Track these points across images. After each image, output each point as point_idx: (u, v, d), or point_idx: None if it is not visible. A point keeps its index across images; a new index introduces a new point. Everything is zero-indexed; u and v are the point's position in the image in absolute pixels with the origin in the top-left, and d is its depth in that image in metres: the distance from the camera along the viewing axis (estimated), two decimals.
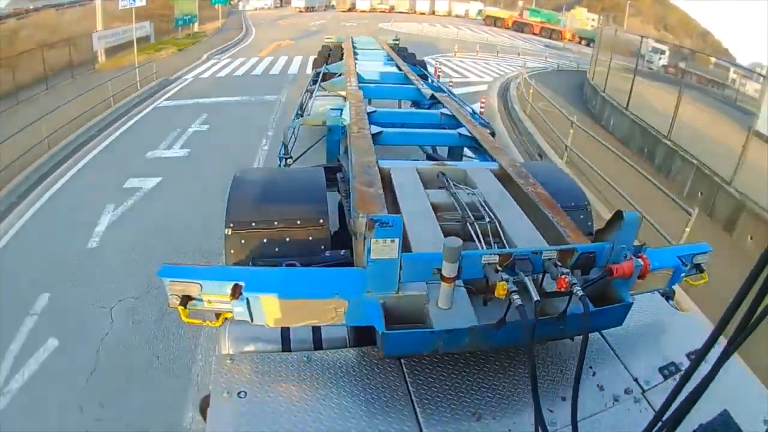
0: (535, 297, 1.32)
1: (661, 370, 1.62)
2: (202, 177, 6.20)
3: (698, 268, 1.86)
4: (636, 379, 1.57)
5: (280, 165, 3.77)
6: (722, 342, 0.82)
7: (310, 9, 35.92)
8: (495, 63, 17.37)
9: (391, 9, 38.52)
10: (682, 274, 1.82)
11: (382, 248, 1.34)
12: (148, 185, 6.04)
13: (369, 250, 1.34)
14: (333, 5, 39.30)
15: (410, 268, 1.42)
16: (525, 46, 23.96)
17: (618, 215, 1.54)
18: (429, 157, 3.88)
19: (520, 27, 34.82)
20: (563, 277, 1.37)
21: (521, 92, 11.67)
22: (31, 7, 17.28)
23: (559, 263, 1.46)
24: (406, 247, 1.48)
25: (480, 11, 38.35)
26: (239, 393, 1.39)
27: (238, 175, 2.44)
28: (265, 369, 1.49)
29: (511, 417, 1.42)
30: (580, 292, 1.34)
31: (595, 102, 10.91)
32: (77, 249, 4.73)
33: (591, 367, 1.59)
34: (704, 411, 0.94)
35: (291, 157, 3.87)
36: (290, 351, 1.59)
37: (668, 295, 2.05)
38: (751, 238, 5.72)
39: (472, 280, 1.51)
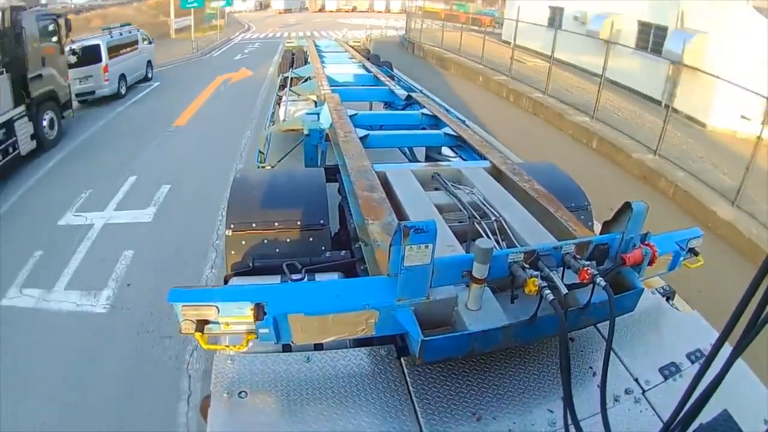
0: (564, 290, 1.52)
1: (661, 370, 1.77)
2: (265, 52, 22.79)
3: (693, 252, 2.16)
4: (636, 379, 1.73)
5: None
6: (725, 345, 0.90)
7: (287, 10, 52.74)
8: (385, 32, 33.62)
9: (354, 9, 54.73)
10: (681, 259, 2.13)
11: (416, 254, 1.48)
12: (249, 51, 22.70)
13: (402, 258, 1.48)
14: (306, 7, 56.21)
15: (440, 272, 1.59)
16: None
17: (627, 206, 1.80)
18: (428, 158, 4.34)
19: (450, 18, 50.70)
20: (586, 268, 1.58)
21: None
22: (101, 2, 32.80)
23: (577, 256, 1.71)
24: None
25: (420, 7, 54.75)
26: (240, 393, 1.53)
27: (239, 177, 2.75)
28: (266, 369, 1.62)
29: (511, 417, 1.54)
30: (603, 282, 1.54)
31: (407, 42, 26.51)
32: (238, 56, 21.27)
33: (591, 367, 1.75)
34: (705, 411, 1.01)
35: (272, 166, 4.30)
36: (290, 351, 1.75)
37: (668, 296, 2.28)
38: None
39: (495, 279, 1.68)
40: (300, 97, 5.78)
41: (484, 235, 2.09)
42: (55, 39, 9.56)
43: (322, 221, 2.46)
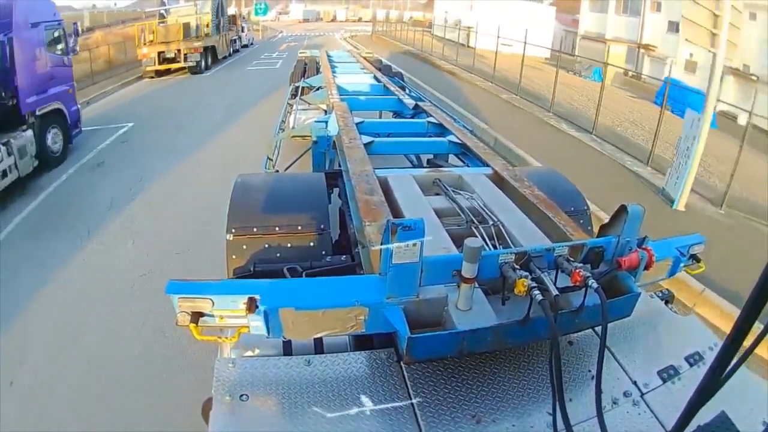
0: (555, 291, 1.66)
1: (659, 373, 1.93)
2: (299, 39, 45.17)
3: (695, 258, 2.36)
4: (635, 382, 1.89)
5: None
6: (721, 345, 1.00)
7: (306, 20, 75.51)
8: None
9: (360, 19, 76.59)
10: (681, 264, 2.33)
11: (405, 252, 1.63)
12: (291, 39, 45.16)
13: (391, 255, 1.63)
14: (321, 17, 79.02)
15: (430, 271, 1.76)
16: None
17: (622, 209, 1.95)
18: (429, 163, 4.73)
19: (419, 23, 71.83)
20: (578, 271, 1.72)
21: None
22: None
23: (570, 259, 1.86)
24: None
25: (411, 17, 76.51)
26: (241, 396, 1.67)
27: (240, 181, 3.00)
28: (267, 372, 1.78)
29: (510, 419, 1.68)
30: (595, 285, 1.68)
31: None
32: (287, 40, 43.52)
33: (590, 370, 1.89)
34: (702, 412, 1.08)
35: (277, 171, 4.73)
36: (291, 355, 1.93)
37: (667, 299, 2.49)
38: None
39: (487, 280, 1.85)
40: (311, 105, 6.51)
41: (481, 239, 2.23)
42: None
43: (322, 226, 2.71)
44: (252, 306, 1.69)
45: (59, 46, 9.82)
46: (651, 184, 9.14)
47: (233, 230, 2.66)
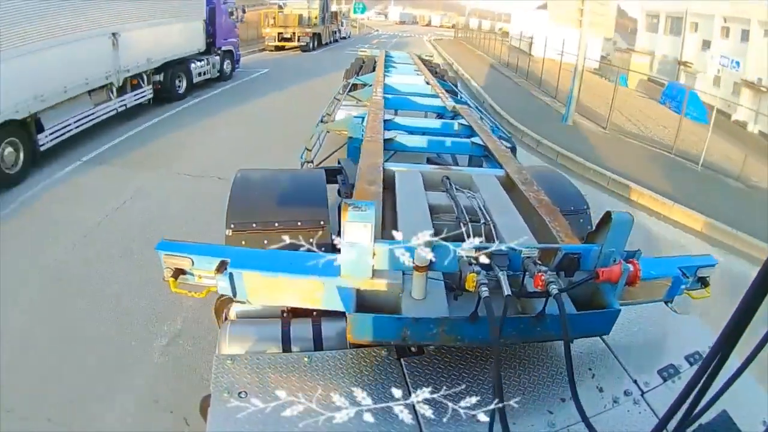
0: (507, 291, 1.62)
1: (660, 372, 1.97)
2: (390, 36, 53.10)
3: (702, 282, 2.26)
4: (635, 381, 1.93)
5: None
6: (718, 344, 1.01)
7: (402, 22, 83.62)
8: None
9: (453, 26, 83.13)
10: (683, 286, 2.22)
11: (356, 232, 1.68)
12: (383, 36, 53.17)
13: (342, 234, 1.71)
14: (416, 21, 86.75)
15: (383, 256, 1.78)
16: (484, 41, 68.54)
17: (607, 216, 1.88)
18: (430, 162, 4.86)
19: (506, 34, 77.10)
20: (540, 274, 1.69)
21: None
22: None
23: (539, 262, 1.82)
24: None
25: (501, 28, 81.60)
26: (239, 393, 1.72)
27: (240, 176, 3.10)
28: (266, 369, 1.82)
29: (510, 418, 1.69)
30: (555, 290, 1.63)
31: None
32: (379, 36, 51.59)
33: (590, 369, 1.92)
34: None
35: (311, 162, 4.96)
36: (290, 351, 1.99)
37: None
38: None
39: (450, 275, 1.87)
40: (359, 102, 6.85)
41: (467, 237, 2.20)
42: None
43: (322, 222, 2.78)
44: (221, 267, 1.89)
45: (233, 17, 17.82)
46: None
47: (232, 225, 2.77)
